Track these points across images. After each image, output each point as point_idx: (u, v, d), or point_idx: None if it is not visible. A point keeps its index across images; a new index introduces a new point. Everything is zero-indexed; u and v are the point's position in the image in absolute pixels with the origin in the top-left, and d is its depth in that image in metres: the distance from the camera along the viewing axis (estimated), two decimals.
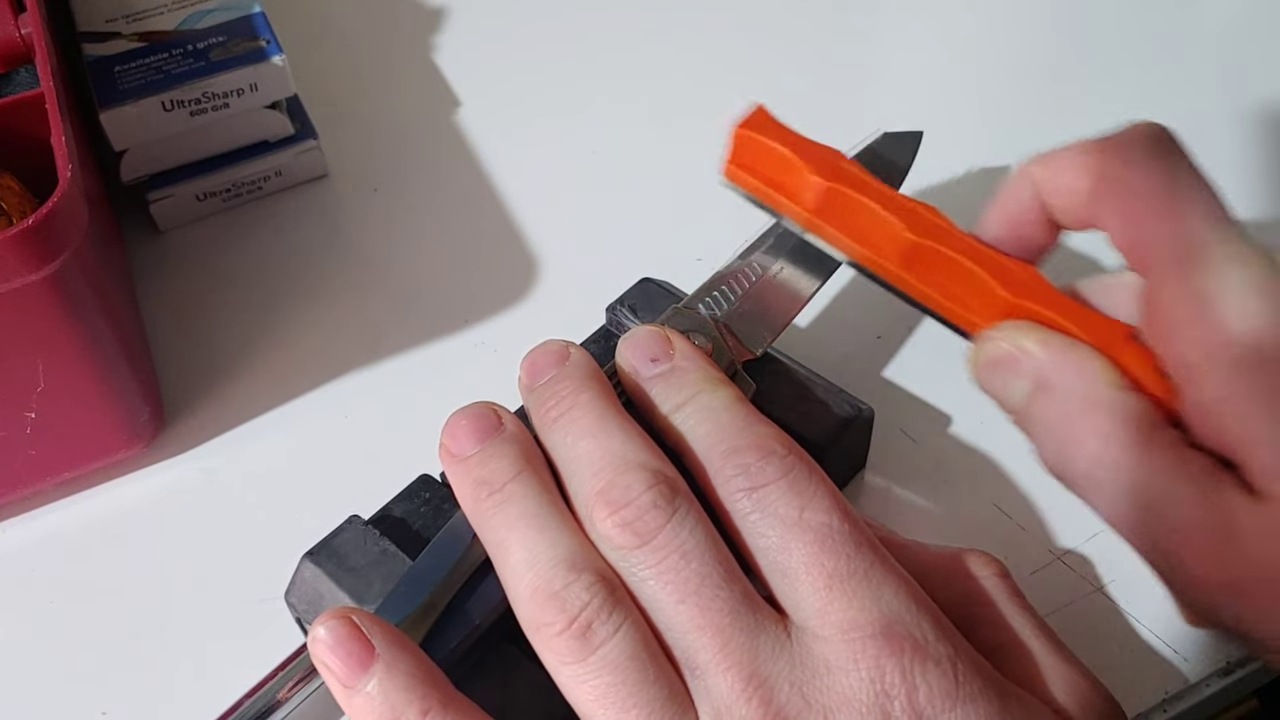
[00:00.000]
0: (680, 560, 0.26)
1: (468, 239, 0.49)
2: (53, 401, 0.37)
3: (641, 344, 0.32)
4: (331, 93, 0.56)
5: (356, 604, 0.33)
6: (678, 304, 0.36)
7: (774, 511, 0.27)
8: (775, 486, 0.27)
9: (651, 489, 0.27)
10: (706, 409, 0.29)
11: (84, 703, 0.36)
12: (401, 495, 0.36)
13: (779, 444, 0.28)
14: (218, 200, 0.50)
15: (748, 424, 0.29)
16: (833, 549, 0.26)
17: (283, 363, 0.45)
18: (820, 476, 0.28)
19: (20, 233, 0.32)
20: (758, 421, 0.29)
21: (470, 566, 0.30)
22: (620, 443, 0.28)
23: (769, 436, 0.28)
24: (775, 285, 0.36)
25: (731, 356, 0.34)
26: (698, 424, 0.29)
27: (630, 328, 0.34)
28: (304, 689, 0.34)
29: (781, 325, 0.36)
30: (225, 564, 0.39)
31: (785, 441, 0.28)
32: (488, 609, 0.30)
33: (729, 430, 0.28)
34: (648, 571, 0.26)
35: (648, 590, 0.26)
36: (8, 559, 0.39)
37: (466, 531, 0.30)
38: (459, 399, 0.43)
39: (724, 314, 0.36)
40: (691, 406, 0.30)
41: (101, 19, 0.49)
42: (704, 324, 0.35)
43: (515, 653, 0.30)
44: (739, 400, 0.30)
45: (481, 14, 0.61)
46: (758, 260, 0.37)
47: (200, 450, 0.42)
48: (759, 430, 0.28)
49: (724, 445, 0.28)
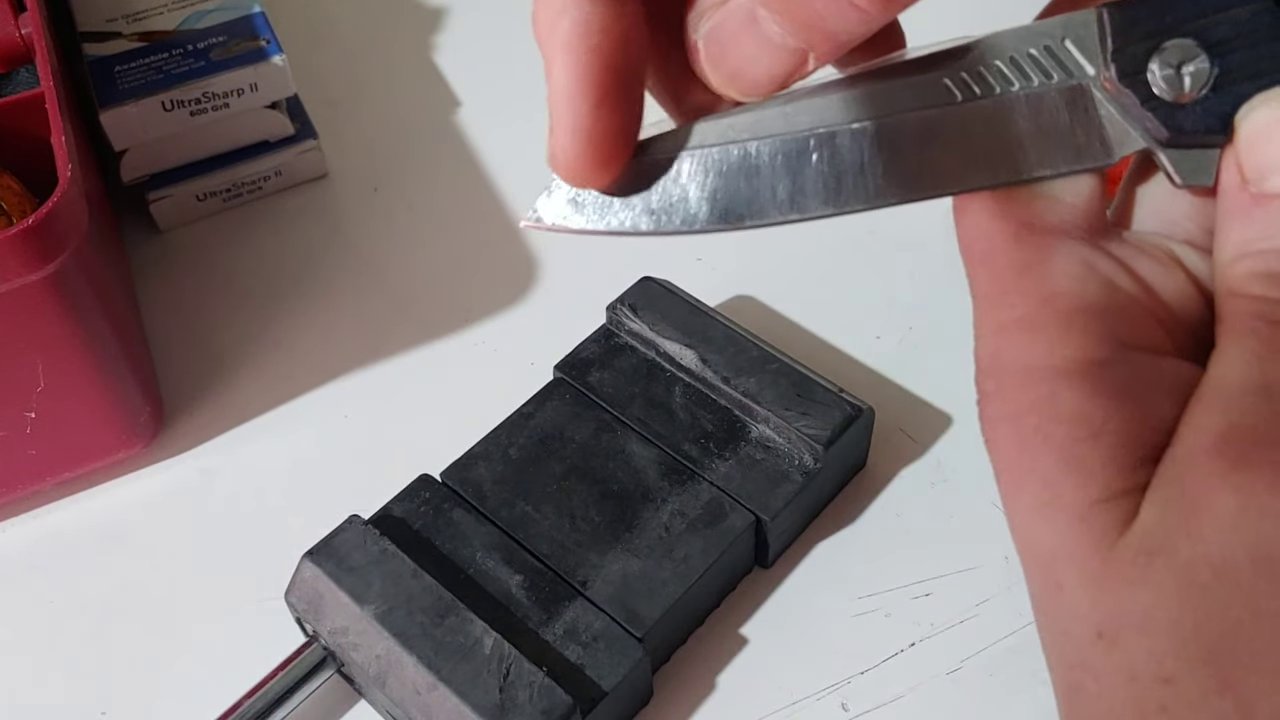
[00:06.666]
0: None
1: (468, 239, 0.49)
2: (53, 401, 0.37)
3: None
4: (331, 93, 0.56)
5: (357, 604, 0.33)
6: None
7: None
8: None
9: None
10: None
11: (84, 703, 0.36)
12: (401, 495, 0.36)
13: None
14: (218, 200, 0.50)
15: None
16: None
17: (282, 363, 0.45)
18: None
19: (20, 233, 0.32)
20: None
21: None
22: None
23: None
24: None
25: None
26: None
27: (631, 327, 0.33)
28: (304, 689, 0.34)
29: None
30: (225, 564, 0.39)
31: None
32: None
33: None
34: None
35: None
36: (8, 559, 0.39)
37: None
38: (459, 399, 0.43)
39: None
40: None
41: (101, 19, 0.49)
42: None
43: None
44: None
45: (481, 14, 0.61)
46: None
47: (199, 450, 0.42)
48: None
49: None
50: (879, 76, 0.22)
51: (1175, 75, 0.21)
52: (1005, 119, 0.21)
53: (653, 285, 0.41)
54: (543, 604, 0.34)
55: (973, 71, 0.22)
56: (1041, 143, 0.22)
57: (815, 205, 0.22)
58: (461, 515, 0.36)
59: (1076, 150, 0.22)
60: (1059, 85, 0.21)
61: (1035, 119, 0.22)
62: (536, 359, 0.41)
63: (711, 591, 0.36)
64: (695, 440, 0.37)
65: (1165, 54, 0.21)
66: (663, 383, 0.39)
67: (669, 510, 0.36)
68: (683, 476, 0.36)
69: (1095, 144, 0.22)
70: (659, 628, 0.34)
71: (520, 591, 0.34)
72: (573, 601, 0.34)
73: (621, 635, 0.33)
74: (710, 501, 0.36)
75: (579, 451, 0.37)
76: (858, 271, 0.46)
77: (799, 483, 0.36)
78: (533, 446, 0.38)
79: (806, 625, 0.36)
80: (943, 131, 0.22)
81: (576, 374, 0.39)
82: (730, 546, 0.35)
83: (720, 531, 0.35)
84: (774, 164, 0.22)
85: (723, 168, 0.22)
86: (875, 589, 0.37)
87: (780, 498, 0.36)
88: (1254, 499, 0.18)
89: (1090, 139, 0.22)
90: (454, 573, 0.34)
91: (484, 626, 0.32)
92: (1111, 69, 0.21)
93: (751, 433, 0.37)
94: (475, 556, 0.35)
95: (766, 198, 0.22)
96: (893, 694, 0.35)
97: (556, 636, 0.33)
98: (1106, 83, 0.21)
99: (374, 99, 0.56)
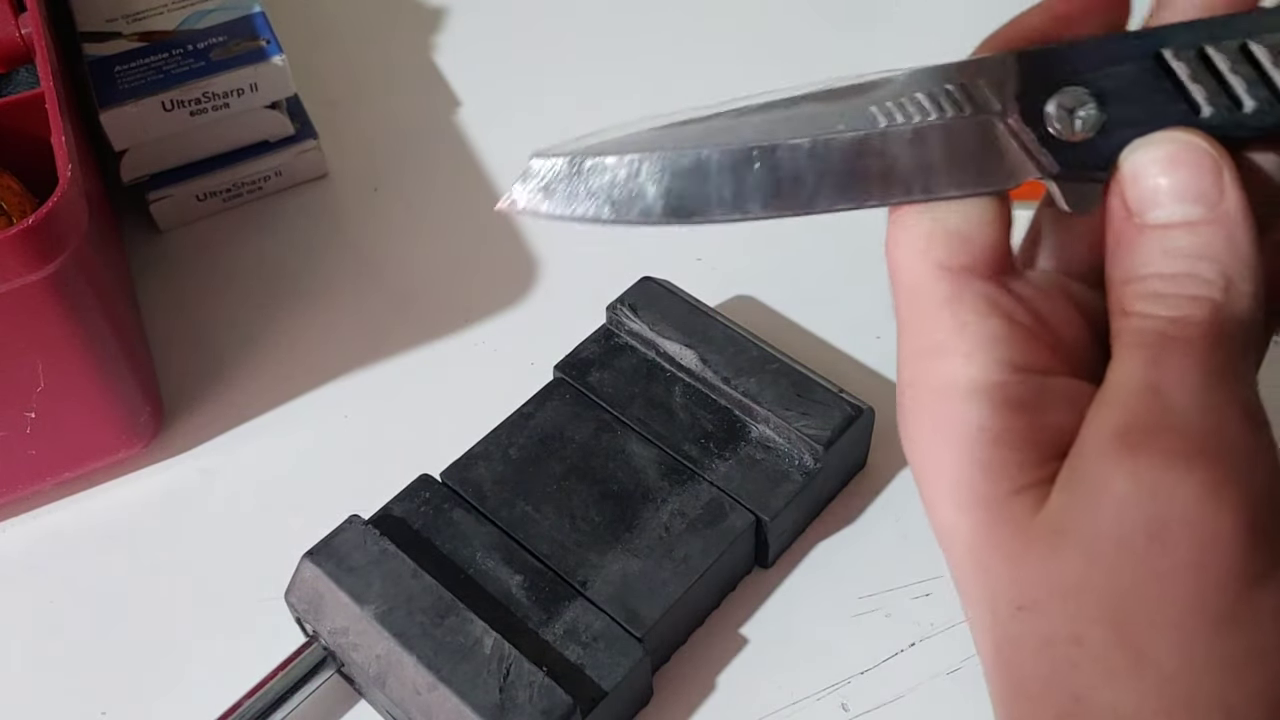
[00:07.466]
0: None
1: (468, 239, 0.49)
2: (53, 401, 0.37)
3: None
4: (331, 93, 0.56)
5: (357, 604, 0.33)
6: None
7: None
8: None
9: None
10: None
11: (84, 703, 0.36)
12: (401, 495, 0.36)
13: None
14: (218, 200, 0.50)
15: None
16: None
17: (283, 363, 0.45)
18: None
19: (20, 233, 0.32)
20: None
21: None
22: None
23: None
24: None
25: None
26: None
27: (631, 327, 0.33)
28: (304, 689, 0.34)
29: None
30: (225, 564, 0.39)
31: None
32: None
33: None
34: None
35: None
36: (8, 559, 0.39)
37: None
38: (459, 399, 0.43)
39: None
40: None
41: (101, 19, 0.49)
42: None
43: None
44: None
45: (481, 14, 0.61)
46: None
47: (199, 450, 0.42)
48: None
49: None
50: (816, 100, 0.25)
51: (1069, 117, 0.24)
52: (922, 144, 0.25)
53: (653, 285, 0.41)
54: (543, 604, 0.34)
55: (896, 101, 0.25)
56: (953, 166, 0.25)
57: (755, 208, 0.25)
58: (461, 515, 0.36)
59: (982, 175, 0.25)
60: (970, 118, 0.25)
61: (948, 146, 0.25)
62: (536, 359, 0.41)
63: (711, 591, 0.36)
64: (695, 440, 0.37)
65: (1061, 99, 0.24)
66: (663, 383, 0.39)
67: (669, 510, 0.36)
68: (683, 476, 0.36)
69: (999, 171, 0.25)
70: (659, 628, 0.34)
71: (520, 591, 0.34)
72: (573, 601, 0.34)
73: (621, 635, 0.33)
74: (710, 501, 0.36)
75: (579, 451, 0.37)
76: (858, 271, 0.46)
77: (799, 483, 0.36)
78: (533, 446, 0.38)
79: (806, 625, 0.36)
80: (868, 151, 0.25)
81: (576, 374, 0.39)
82: (730, 546, 0.35)
83: (720, 531, 0.35)
84: (721, 169, 0.25)
85: (677, 169, 0.26)
86: (875, 589, 0.37)
87: (780, 498, 0.36)
88: (1145, 479, 0.21)
89: (994, 166, 0.25)
90: (454, 573, 0.34)
91: (484, 626, 0.32)
92: (1015, 108, 0.24)
93: (751, 433, 0.37)
94: (475, 556, 0.35)
95: (713, 198, 0.25)
96: (893, 694, 0.35)
97: (556, 636, 0.33)
98: (1010, 119, 0.25)
99: (374, 99, 0.56)
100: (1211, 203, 0.23)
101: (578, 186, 0.26)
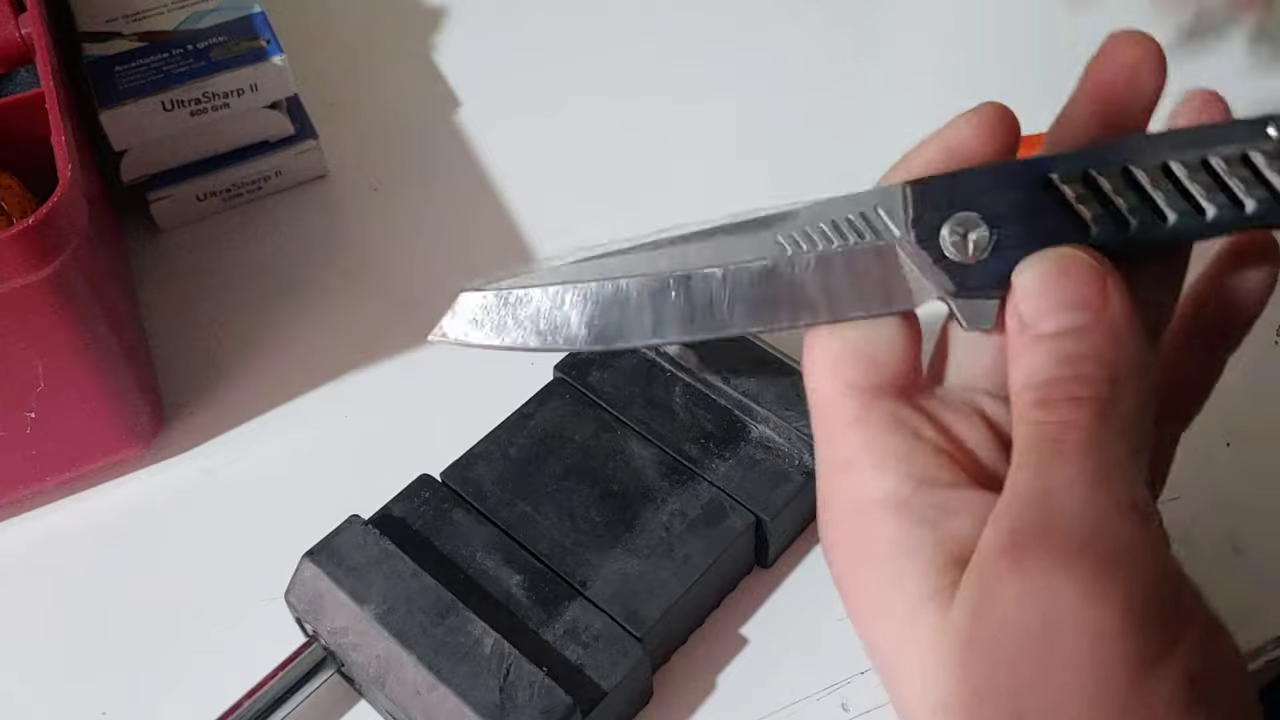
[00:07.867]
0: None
1: (467, 239, 0.49)
2: (53, 401, 0.37)
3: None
4: (331, 93, 0.56)
5: (357, 604, 0.33)
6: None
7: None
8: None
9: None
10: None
11: (84, 702, 0.36)
12: (401, 495, 0.36)
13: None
14: (218, 200, 0.50)
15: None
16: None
17: (282, 363, 0.45)
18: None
19: (20, 233, 0.32)
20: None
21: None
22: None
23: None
24: None
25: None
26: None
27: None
28: (304, 689, 0.34)
29: None
30: (225, 564, 0.39)
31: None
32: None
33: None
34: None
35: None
36: (8, 559, 0.39)
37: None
38: (459, 399, 0.43)
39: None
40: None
41: (101, 19, 0.49)
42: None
43: None
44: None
45: (481, 14, 0.61)
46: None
47: (200, 450, 0.42)
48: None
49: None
50: (727, 231, 0.27)
51: (962, 240, 0.25)
52: (827, 269, 0.26)
53: None
54: (543, 604, 0.34)
55: (800, 230, 0.27)
56: (856, 290, 0.26)
57: (673, 333, 0.27)
58: (461, 515, 0.36)
59: (885, 297, 0.26)
60: (870, 244, 0.26)
61: (850, 271, 0.26)
62: (536, 359, 0.41)
63: (711, 591, 0.36)
64: (695, 440, 0.37)
65: (954, 223, 0.26)
66: (663, 383, 0.39)
67: (669, 510, 0.36)
68: (683, 476, 0.36)
69: (899, 293, 0.26)
70: (659, 628, 0.34)
71: (520, 591, 0.34)
72: (573, 601, 0.34)
73: (621, 635, 0.33)
74: (710, 501, 0.36)
75: (579, 451, 0.37)
76: None
77: (799, 483, 0.36)
78: (533, 446, 0.38)
79: (806, 625, 0.36)
80: (776, 278, 0.26)
81: (576, 374, 0.39)
82: (730, 546, 0.35)
83: (720, 531, 0.35)
84: (640, 298, 0.27)
85: (599, 299, 0.27)
86: None
87: (780, 498, 0.36)
88: (1032, 582, 0.22)
89: (895, 288, 0.26)
90: (454, 573, 0.34)
91: (484, 626, 0.32)
92: (912, 233, 0.26)
93: (751, 433, 0.37)
94: (475, 556, 0.35)
95: (634, 325, 0.27)
96: None
97: (556, 636, 0.33)
98: (908, 244, 0.26)
99: (374, 99, 0.56)
100: (1096, 309, 0.24)
101: (505, 317, 0.28)
